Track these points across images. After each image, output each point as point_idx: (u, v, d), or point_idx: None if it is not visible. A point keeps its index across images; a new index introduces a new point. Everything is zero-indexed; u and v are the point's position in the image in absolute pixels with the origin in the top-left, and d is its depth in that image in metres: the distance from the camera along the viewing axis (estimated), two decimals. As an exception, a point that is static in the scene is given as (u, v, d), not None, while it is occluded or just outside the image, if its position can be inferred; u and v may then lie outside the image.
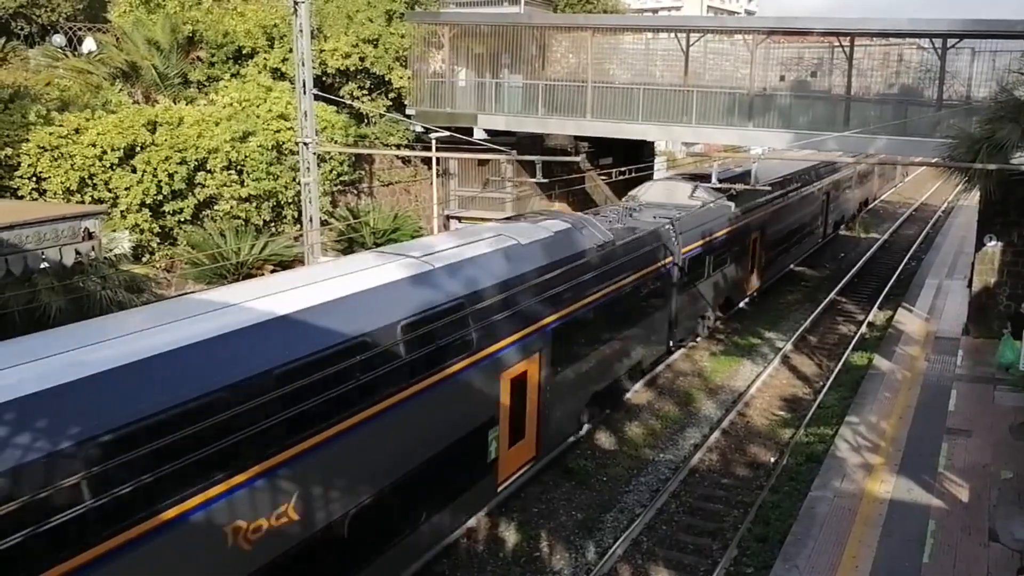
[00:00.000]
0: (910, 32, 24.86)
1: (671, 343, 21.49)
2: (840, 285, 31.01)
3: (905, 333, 23.01)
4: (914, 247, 39.38)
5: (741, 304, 27.11)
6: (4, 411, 7.09)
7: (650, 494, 15.41)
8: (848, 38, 25.23)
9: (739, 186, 24.39)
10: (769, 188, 25.84)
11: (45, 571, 7.07)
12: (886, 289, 30.26)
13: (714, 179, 24.34)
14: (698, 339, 23.70)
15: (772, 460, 16.95)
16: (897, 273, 33.17)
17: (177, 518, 8.07)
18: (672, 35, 28.78)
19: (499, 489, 13.96)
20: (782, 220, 29.80)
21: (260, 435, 8.84)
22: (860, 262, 35.45)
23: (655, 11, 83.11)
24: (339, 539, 10.13)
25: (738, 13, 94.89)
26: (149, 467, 7.79)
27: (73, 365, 7.85)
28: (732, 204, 24.39)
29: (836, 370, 21.79)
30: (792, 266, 32.95)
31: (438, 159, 26.67)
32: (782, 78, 28.07)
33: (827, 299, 28.91)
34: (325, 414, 9.66)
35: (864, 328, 25.54)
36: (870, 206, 51.01)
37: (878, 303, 28.33)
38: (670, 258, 20.26)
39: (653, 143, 35.53)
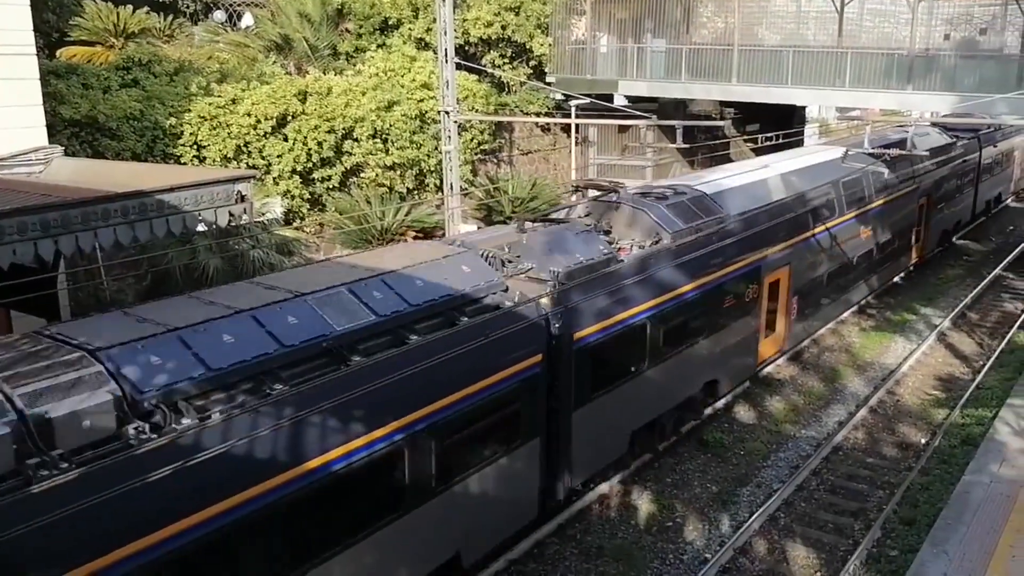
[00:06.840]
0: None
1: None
2: (1008, 259, 28.79)
3: (1081, 312, 21.18)
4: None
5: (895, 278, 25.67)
6: None
7: (789, 470, 14.91)
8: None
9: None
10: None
11: None
12: (1061, 265, 27.91)
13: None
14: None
15: (923, 441, 16.03)
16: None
17: None
18: (827, -6, 27.35)
19: None
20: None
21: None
22: (1032, 236, 32.80)
23: (809, -29, 79.12)
24: None
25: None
26: None
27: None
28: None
29: (999, 350, 20.30)
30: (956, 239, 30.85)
31: (577, 126, 26.53)
32: (946, 37, 26.13)
33: (992, 274, 26.92)
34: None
35: (1033, 306, 23.69)
36: None
37: (1052, 280, 26.17)
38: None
39: (804, 109, 34.01)
